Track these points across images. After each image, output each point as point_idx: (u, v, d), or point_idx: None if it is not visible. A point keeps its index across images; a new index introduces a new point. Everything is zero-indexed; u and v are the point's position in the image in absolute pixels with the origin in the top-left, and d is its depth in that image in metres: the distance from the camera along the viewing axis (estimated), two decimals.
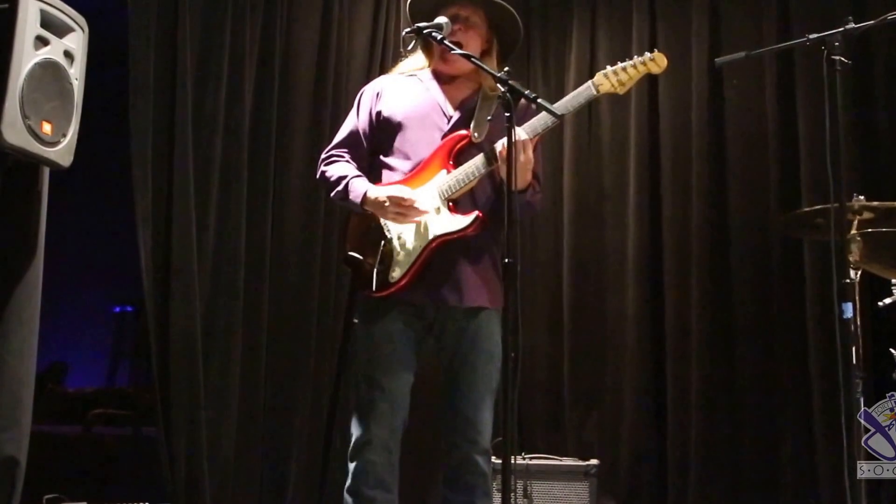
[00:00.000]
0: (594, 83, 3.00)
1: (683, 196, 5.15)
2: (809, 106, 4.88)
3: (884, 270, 3.70)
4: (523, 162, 2.89)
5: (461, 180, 2.97)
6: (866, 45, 4.82)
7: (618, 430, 5.10)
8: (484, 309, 3.02)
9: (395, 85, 3.22)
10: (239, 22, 4.86)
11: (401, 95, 3.16)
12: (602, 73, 3.01)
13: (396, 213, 2.95)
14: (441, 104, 3.13)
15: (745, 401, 4.93)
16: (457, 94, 3.15)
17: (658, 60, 3.02)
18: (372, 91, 3.23)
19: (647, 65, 3.02)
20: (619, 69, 3.00)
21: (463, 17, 3.09)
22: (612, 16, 5.48)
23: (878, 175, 4.77)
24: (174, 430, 4.46)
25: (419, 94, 3.16)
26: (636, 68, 3.01)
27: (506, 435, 2.53)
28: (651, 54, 3.02)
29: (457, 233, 2.96)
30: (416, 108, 3.13)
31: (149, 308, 4.46)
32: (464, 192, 2.99)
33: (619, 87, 3.01)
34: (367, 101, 3.21)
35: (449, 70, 3.15)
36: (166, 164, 4.56)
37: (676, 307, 5.08)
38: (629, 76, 3.01)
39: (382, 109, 3.14)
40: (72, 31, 3.02)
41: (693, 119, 5.15)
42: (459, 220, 2.95)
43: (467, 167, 2.97)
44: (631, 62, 3.01)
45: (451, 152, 3.03)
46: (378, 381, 2.98)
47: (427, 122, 3.10)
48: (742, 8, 5.22)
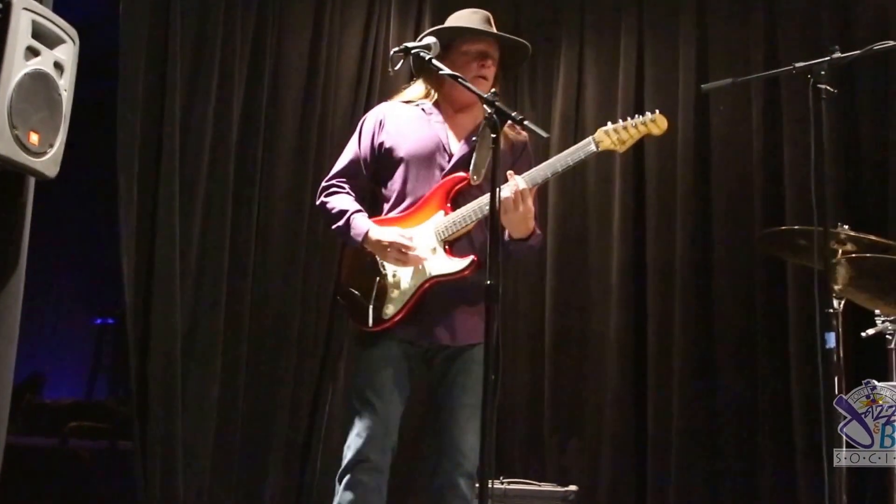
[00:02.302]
0: (595, 140, 3.02)
1: (667, 221, 5.17)
2: (795, 133, 4.92)
3: (868, 301, 3.70)
4: (523, 212, 2.92)
5: (458, 222, 2.99)
6: (851, 74, 4.88)
7: (597, 456, 5.08)
8: (477, 344, 3.03)
9: (398, 115, 3.20)
10: (229, 39, 4.90)
11: (403, 128, 3.16)
12: (603, 130, 3.03)
13: (396, 258, 2.98)
14: (443, 140, 3.13)
15: (725, 428, 4.93)
16: (460, 130, 3.16)
17: (659, 122, 3.04)
18: (374, 119, 3.22)
19: (647, 126, 3.04)
20: (620, 128, 3.02)
21: (490, 53, 3.13)
22: (600, 41, 5.51)
23: (862, 204, 4.82)
24: (150, 444, 4.46)
25: (422, 129, 3.16)
26: (637, 129, 3.03)
27: (483, 458, 2.54)
28: (652, 115, 3.04)
29: (452, 275, 2.98)
30: (418, 143, 3.12)
31: (129, 321, 4.47)
32: (461, 233, 3.01)
33: (619, 145, 3.03)
34: (369, 130, 3.20)
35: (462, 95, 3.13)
36: (152, 177, 4.58)
37: (658, 333, 5.08)
38: (630, 136, 3.03)
39: (385, 141, 3.15)
40: (63, 42, 3.00)
41: (679, 144, 5.17)
42: (456, 263, 2.98)
43: (465, 210, 2.99)
44: (632, 122, 3.03)
45: (449, 193, 3.05)
46: (372, 404, 3.00)
47: (428, 160, 3.10)
48: (729, 35, 5.26)
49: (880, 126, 4.88)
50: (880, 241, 3.69)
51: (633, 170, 5.26)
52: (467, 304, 3.04)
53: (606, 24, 5.51)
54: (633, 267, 5.21)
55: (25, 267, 3.03)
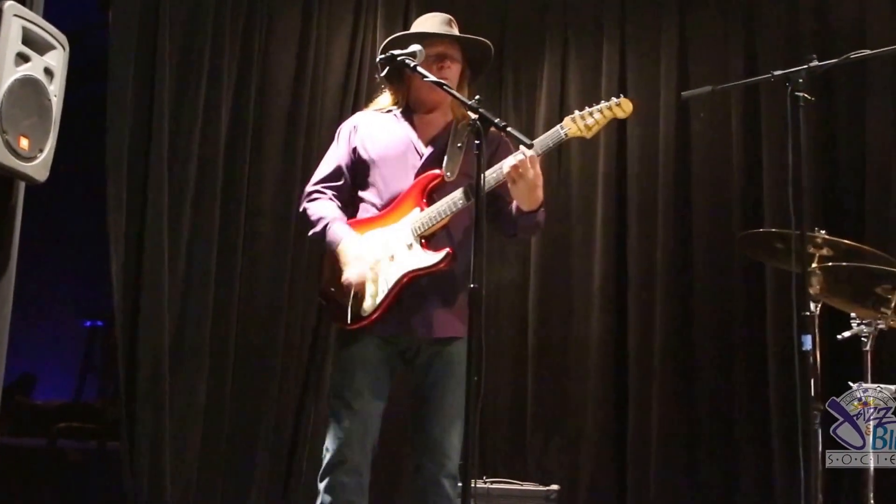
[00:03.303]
0: (562, 127, 3.04)
1: (649, 226, 5.25)
2: (774, 140, 5.00)
3: (844, 304, 3.77)
4: (532, 178, 2.92)
5: (433, 217, 3.02)
6: (829, 82, 4.96)
7: (579, 456, 5.15)
8: (455, 339, 3.06)
9: (371, 121, 3.26)
10: (217, 46, 4.95)
11: (376, 132, 3.21)
12: (570, 117, 3.05)
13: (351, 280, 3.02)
14: (414, 141, 3.18)
15: (704, 429, 5.02)
16: (429, 130, 3.21)
17: (624, 106, 3.07)
18: (349, 126, 3.28)
19: (612, 110, 3.06)
20: (587, 113, 3.04)
21: (449, 54, 3.16)
22: (582, 48, 5.58)
23: (839, 209, 4.91)
24: (138, 444, 4.50)
25: (393, 132, 3.20)
26: (602, 113, 3.05)
27: (466, 458, 2.57)
28: (617, 99, 3.07)
29: (427, 268, 3.01)
30: (391, 145, 3.17)
31: (118, 323, 4.52)
32: (437, 228, 3.04)
33: (586, 131, 3.04)
34: (346, 136, 3.25)
35: (429, 96, 3.18)
36: (141, 182, 4.62)
37: (639, 335, 5.16)
38: (596, 121, 3.04)
39: (358, 145, 3.20)
40: (53, 48, 3.02)
41: (660, 151, 5.26)
42: (431, 257, 3.00)
43: (440, 205, 3.02)
44: (598, 107, 3.05)
45: (424, 190, 3.08)
46: (351, 404, 3.00)
47: (401, 160, 3.15)
48: (710, 43, 5.35)
49: (857, 132, 4.98)
50: (856, 245, 3.77)
51: (615, 176, 5.34)
52: (445, 298, 3.06)
53: (589, 32, 5.58)
54: (615, 271, 5.29)
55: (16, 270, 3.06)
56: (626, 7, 5.52)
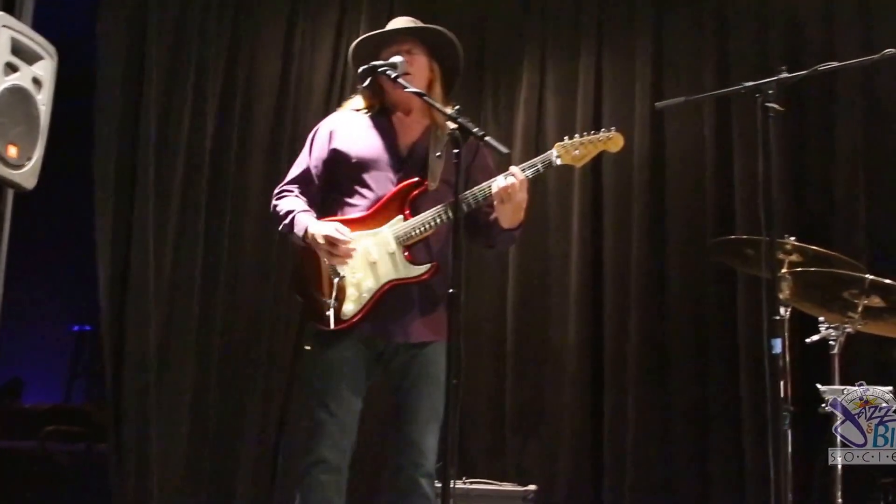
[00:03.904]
0: (556, 154, 3.08)
1: (624, 233, 5.32)
2: (745, 149, 5.08)
3: (812, 308, 3.85)
4: (519, 201, 2.99)
5: (418, 228, 3.06)
6: (799, 93, 5.05)
7: (556, 457, 5.21)
8: (432, 342, 3.11)
9: (348, 123, 3.26)
10: (203, 56, 5.05)
11: (354, 134, 3.21)
12: (562, 144, 3.10)
13: (328, 251, 3.02)
14: (394, 145, 3.20)
15: (678, 429, 5.10)
16: (409, 134, 3.23)
17: (615, 140, 3.13)
18: (326, 130, 3.27)
19: (604, 143, 3.12)
20: (578, 143, 3.09)
21: (405, 50, 3.16)
22: (560, 60, 5.65)
23: (808, 216, 5.01)
24: (125, 447, 4.57)
25: (373, 134, 3.21)
26: (594, 145, 3.11)
27: (446, 459, 2.62)
28: (609, 133, 3.13)
29: (412, 279, 3.06)
30: (370, 148, 3.17)
31: (104, 328, 4.59)
32: (420, 238, 3.07)
33: (576, 161, 3.12)
34: (321, 140, 3.25)
35: (402, 98, 3.21)
36: (128, 188, 4.70)
37: (615, 339, 5.24)
38: (587, 152, 3.11)
39: (337, 147, 3.19)
40: (41, 59, 3.07)
41: (635, 158, 5.33)
42: (415, 269, 3.05)
43: (426, 216, 3.04)
44: (589, 138, 3.11)
45: (407, 198, 3.11)
46: (329, 404, 3.03)
47: (380, 163, 3.16)
48: (684, 55, 5.44)
49: (826, 142, 5.08)
50: (824, 251, 3.86)
51: (591, 184, 5.41)
52: (425, 306, 3.11)
53: (567, 43, 5.65)
54: (591, 277, 5.35)
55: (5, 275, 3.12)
56: (602, 20, 5.60)
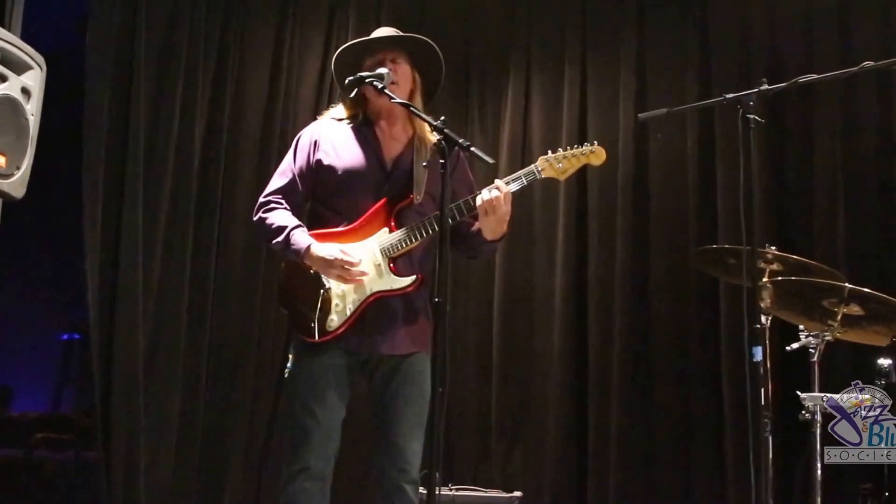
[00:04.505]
0: (537, 168, 3.14)
1: (608, 243, 5.38)
2: (727, 159, 5.16)
3: (793, 317, 3.88)
4: (503, 213, 3.02)
5: (403, 240, 3.08)
6: (780, 105, 5.15)
7: (541, 464, 5.26)
8: (416, 352, 3.14)
9: (332, 132, 3.24)
10: (191, 66, 5.06)
11: (339, 146, 3.19)
12: (545, 158, 3.15)
13: (339, 275, 3.02)
14: (379, 157, 3.21)
15: (662, 436, 5.16)
16: (393, 145, 3.24)
17: (598, 153, 3.18)
18: (308, 138, 3.24)
19: (587, 157, 3.17)
20: (561, 156, 3.14)
21: (389, 59, 3.17)
22: (545, 71, 5.71)
23: (789, 226, 5.11)
24: (114, 454, 4.59)
25: (357, 145, 3.19)
26: (578, 158, 3.16)
27: (431, 466, 2.63)
28: (592, 147, 3.18)
29: (396, 291, 3.09)
30: (355, 160, 3.16)
31: (93, 336, 4.60)
32: (406, 251, 3.09)
33: (560, 173, 3.16)
34: (304, 149, 3.22)
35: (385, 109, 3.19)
36: (116, 198, 4.72)
37: (599, 348, 5.29)
38: (570, 165, 3.16)
39: (322, 158, 3.17)
40: (30, 69, 3.05)
41: (619, 169, 5.39)
42: (400, 281, 3.07)
43: (411, 229, 3.07)
44: (572, 151, 3.16)
45: (392, 211, 3.13)
46: (313, 411, 3.04)
47: (366, 175, 3.16)
48: (667, 67, 5.51)
49: (806, 153, 5.17)
50: (804, 260, 3.92)
51: (576, 194, 5.46)
52: (408, 317, 3.13)
53: (552, 54, 5.71)
54: (576, 286, 5.40)
55: None
56: (587, 32, 5.67)
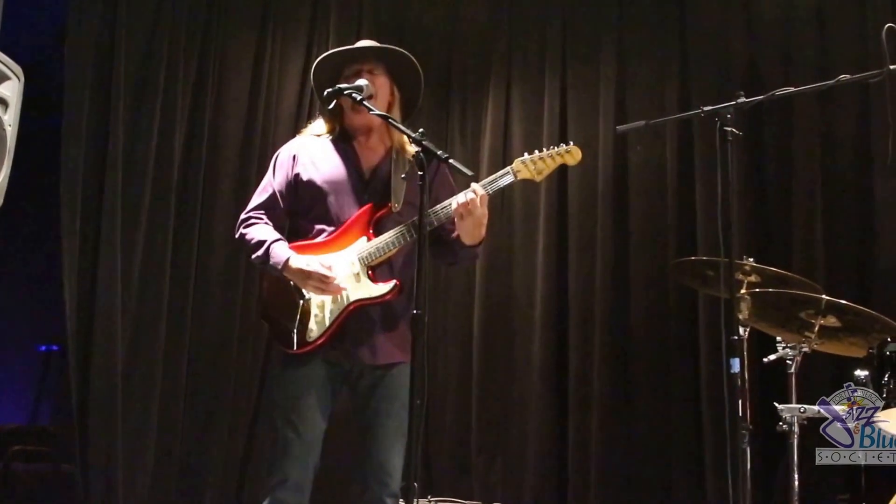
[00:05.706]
0: (513, 170, 3.15)
1: (588, 253, 5.39)
2: (705, 171, 5.19)
3: (770, 328, 3.90)
4: (479, 216, 3.04)
5: (381, 248, 3.09)
6: (758, 117, 5.18)
7: (521, 475, 5.26)
8: (398, 363, 3.15)
9: (310, 147, 3.27)
10: (171, 77, 5.06)
11: (317, 159, 3.22)
12: (521, 160, 3.16)
13: (316, 286, 3.04)
14: (357, 168, 3.23)
15: (641, 448, 5.17)
16: (371, 156, 3.26)
17: (574, 153, 3.19)
18: (287, 154, 3.28)
19: (563, 156, 3.18)
20: (537, 158, 3.16)
21: (367, 70, 3.20)
22: (526, 83, 5.72)
23: (766, 238, 5.14)
24: (91, 467, 4.58)
25: (336, 158, 3.22)
26: (553, 159, 3.17)
27: (409, 478, 2.64)
28: (567, 147, 3.19)
29: (375, 299, 3.09)
30: (333, 172, 3.19)
31: (71, 348, 4.60)
32: (384, 259, 3.10)
33: (536, 174, 3.17)
34: (284, 165, 3.25)
35: (360, 121, 3.23)
36: (94, 210, 4.71)
37: (579, 359, 5.30)
38: (546, 165, 3.17)
39: (300, 172, 3.20)
40: (7, 79, 3.01)
41: (599, 180, 5.41)
42: (378, 288, 3.08)
43: (388, 236, 3.09)
44: (548, 152, 3.17)
45: (370, 220, 3.14)
46: (294, 424, 3.05)
47: (344, 187, 3.19)
48: (646, 79, 5.54)
49: (784, 165, 5.20)
50: (782, 272, 3.96)
51: (556, 205, 5.47)
52: (389, 327, 3.14)
53: (532, 66, 5.73)
54: (556, 298, 5.41)
55: None
56: (567, 44, 5.69)
